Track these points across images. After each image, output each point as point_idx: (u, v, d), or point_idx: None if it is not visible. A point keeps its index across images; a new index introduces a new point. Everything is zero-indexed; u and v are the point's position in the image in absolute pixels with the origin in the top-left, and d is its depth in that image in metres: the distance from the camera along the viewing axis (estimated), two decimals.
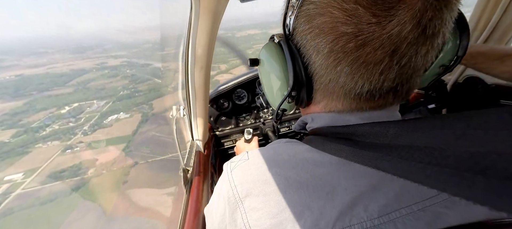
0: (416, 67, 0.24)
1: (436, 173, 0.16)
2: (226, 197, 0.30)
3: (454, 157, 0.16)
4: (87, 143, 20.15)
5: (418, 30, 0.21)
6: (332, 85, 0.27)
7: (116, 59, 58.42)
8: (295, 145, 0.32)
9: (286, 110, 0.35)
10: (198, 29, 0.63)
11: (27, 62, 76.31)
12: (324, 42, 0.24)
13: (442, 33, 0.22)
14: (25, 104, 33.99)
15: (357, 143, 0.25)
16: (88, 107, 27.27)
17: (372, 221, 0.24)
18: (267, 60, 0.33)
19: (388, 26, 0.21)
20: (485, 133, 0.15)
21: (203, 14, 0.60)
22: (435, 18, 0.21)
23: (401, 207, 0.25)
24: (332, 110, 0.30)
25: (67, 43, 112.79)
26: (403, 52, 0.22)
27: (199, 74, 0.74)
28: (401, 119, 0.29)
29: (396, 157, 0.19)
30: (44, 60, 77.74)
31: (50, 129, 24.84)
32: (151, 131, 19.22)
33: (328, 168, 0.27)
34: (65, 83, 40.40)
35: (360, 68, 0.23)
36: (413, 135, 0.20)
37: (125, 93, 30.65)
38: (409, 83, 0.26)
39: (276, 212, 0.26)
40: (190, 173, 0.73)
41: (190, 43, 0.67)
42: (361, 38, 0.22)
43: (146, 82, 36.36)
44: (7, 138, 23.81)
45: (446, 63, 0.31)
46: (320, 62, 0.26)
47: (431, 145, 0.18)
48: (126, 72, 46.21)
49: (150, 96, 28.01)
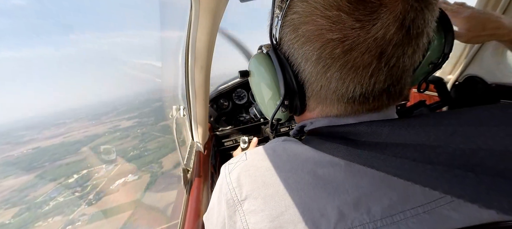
0: (404, 67, 0.24)
1: (429, 171, 0.16)
2: (225, 200, 0.29)
3: (446, 154, 0.16)
4: (89, 217, 18.40)
5: (403, 31, 0.21)
6: (324, 92, 0.27)
7: (128, 121, 61.14)
8: (294, 144, 0.31)
9: (280, 120, 0.35)
10: (198, 29, 0.66)
11: (46, 134, 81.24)
12: (312, 50, 0.24)
13: (426, 33, 0.23)
14: (36, 177, 33.85)
15: (353, 142, 0.24)
16: (96, 173, 26.50)
17: (374, 223, 0.24)
18: (257, 70, 0.33)
19: (373, 29, 0.21)
20: (476, 129, 0.15)
21: (203, 14, 0.63)
22: (418, 19, 0.21)
23: (406, 209, 0.24)
24: (329, 115, 0.30)
25: (86, 112, 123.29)
26: (390, 54, 0.22)
27: (199, 74, 0.75)
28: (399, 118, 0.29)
29: (390, 155, 0.19)
30: (61, 130, 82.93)
31: (54, 202, 23.60)
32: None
33: (329, 168, 0.26)
34: (77, 151, 41.05)
35: (349, 72, 0.23)
36: (407, 133, 0.20)
37: (135, 153, 30.24)
38: (400, 83, 0.26)
39: (276, 214, 0.25)
40: (190, 173, 0.70)
41: (190, 43, 0.69)
42: (348, 43, 0.22)
43: (155, 140, 36.36)
44: (8, 219, 22.32)
45: (435, 60, 0.31)
46: (309, 69, 0.26)
47: (424, 142, 0.18)
48: (137, 132, 47.33)
49: (159, 154, 27.24)
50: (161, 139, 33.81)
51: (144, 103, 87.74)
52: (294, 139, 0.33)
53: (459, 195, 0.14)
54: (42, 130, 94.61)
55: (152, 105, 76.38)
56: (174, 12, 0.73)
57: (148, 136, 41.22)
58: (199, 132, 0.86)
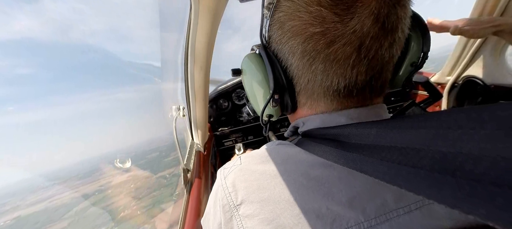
0: (383, 59, 0.25)
1: (412, 175, 0.16)
2: (221, 205, 0.29)
3: (428, 158, 0.16)
4: None
5: (378, 25, 0.23)
6: (311, 85, 0.28)
7: (122, 175, 57.94)
8: (288, 147, 0.31)
9: (272, 116, 0.36)
10: (198, 29, 0.65)
11: (29, 200, 75.02)
12: (297, 44, 0.26)
13: (401, 29, 0.25)
14: None
15: (342, 144, 0.25)
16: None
17: (369, 222, 0.24)
18: (248, 68, 0.35)
19: (350, 23, 0.23)
20: (455, 132, 0.15)
21: (202, 14, 0.62)
22: (391, 14, 0.23)
23: (399, 207, 0.25)
24: (318, 112, 0.31)
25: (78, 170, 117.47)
26: (368, 45, 0.24)
27: (198, 74, 0.74)
28: (388, 118, 0.30)
29: (377, 158, 0.20)
30: (49, 193, 77.05)
31: None
32: None
33: (322, 170, 0.27)
34: (62, 217, 37.24)
35: (332, 64, 0.25)
36: (393, 135, 0.20)
37: (126, 213, 27.49)
38: (382, 77, 0.27)
39: (271, 218, 0.25)
40: (190, 173, 0.70)
41: (190, 43, 0.68)
42: (329, 36, 0.24)
43: (150, 195, 33.79)
44: None
45: (415, 60, 0.33)
46: (296, 63, 0.28)
47: (409, 145, 0.18)
48: (130, 187, 44.34)
49: (153, 212, 24.86)
50: (156, 193, 31.47)
51: (139, 156, 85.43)
52: (287, 142, 0.33)
53: (440, 200, 0.14)
54: (27, 195, 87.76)
55: (147, 156, 74.06)
56: (174, 12, 0.73)
57: (142, 191, 38.46)
58: (199, 132, 0.86)
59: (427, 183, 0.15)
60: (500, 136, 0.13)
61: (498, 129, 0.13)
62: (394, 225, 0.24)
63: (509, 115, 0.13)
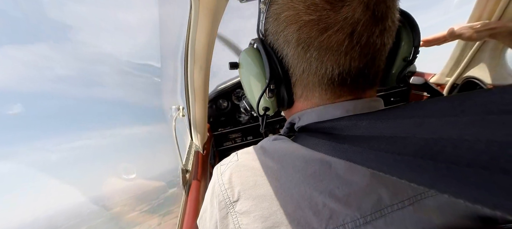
0: (375, 47, 0.26)
1: (398, 162, 0.17)
2: (217, 202, 0.29)
3: (412, 145, 0.17)
4: None
5: (369, 12, 0.24)
6: (306, 75, 0.28)
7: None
8: (284, 142, 0.31)
9: (268, 109, 0.35)
10: (198, 29, 0.65)
11: None
12: (292, 32, 0.27)
13: (390, 18, 0.26)
14: None
15: (336, 137, 0.25)
16: None
17: (365, 218, 0.24)
18: (245, 62, 0.35)
19: (342, 10, 0.24)
20: (438, 120, 0.16)
21: (202, 14, 0.61)
22: (380, 3, 0.24)
23: (394, 203, 0.25)
24: (313, 106, 0.31)
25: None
26: (360, 32, 0.24)
27: (198, 74, 0.74)
28: (379, 110, 0.30)
29: (366, 148, 0.20)
30: None
31: None
32: None
33: (320, 166, 0.27)
34: None
35: (326, 51, 0.25)
36: (382, 125, 0.21)
37: None
38: (375, 65, 0.27)
39: (267, 214, 0.26)
40: (188, 173, 0.70)
41: (190, 43, 0.68)
42: (322, 24, 0.24)
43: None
44: None
45: (407, 55, 0.33)
46: (291, 53, 0.28)
47: (396, 134, 0.19)
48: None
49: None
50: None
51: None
52: (284, 137, 0.33)
53: (419, 182, 0.15)
54: None
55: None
56: (173, 12, 0.73)
57: None
58: (198, 133, 0.85)
59: (409, 168, 0.16)
60: (479, 121, 0.14)
61: (477, 114, 0.14)
62: (388, 221, 0.24)
63: (487, 101, 0.14)
